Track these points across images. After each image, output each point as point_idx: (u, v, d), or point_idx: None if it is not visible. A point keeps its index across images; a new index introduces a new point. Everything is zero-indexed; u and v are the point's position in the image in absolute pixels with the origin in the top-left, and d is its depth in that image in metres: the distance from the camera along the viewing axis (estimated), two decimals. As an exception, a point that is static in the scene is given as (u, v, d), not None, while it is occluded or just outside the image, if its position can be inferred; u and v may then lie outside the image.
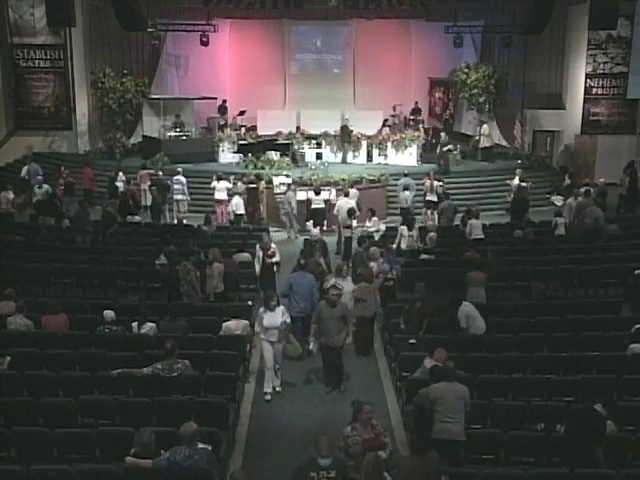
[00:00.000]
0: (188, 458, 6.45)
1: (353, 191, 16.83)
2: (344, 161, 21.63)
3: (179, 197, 17.91)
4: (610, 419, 7.29)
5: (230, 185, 17.76)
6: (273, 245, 12.93)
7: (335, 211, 16.17)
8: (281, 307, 9.57)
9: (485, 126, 22.23)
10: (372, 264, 11.69)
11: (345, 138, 21.48)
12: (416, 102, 24.03)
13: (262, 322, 9.44)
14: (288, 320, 9.57)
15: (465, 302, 10.15)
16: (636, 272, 9.76)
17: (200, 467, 6.49)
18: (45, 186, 17.38)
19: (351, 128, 21.45)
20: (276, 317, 9.40)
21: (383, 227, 15.01)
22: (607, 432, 7.17)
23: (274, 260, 12.59)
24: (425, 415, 7.42)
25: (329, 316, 9.60)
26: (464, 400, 7.37)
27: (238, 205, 16.90)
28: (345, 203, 15.83)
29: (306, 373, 10.24)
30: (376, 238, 14.21)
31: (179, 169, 18.36)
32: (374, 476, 5.98)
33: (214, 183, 17.61)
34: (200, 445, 6.64)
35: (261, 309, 9.60)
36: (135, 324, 9.83)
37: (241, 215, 16.97)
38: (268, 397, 9.54)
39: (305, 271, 11.16)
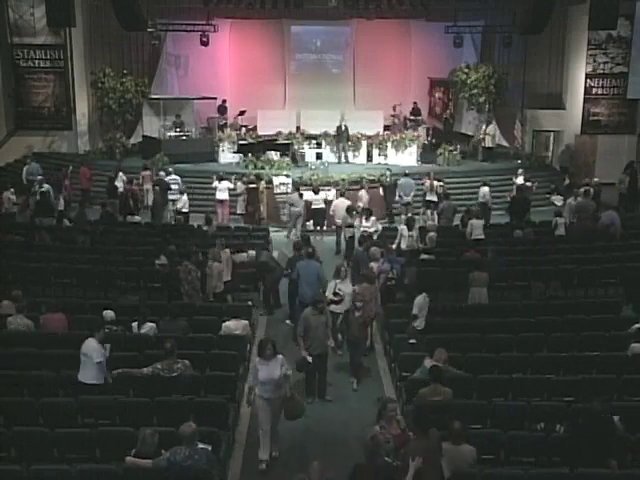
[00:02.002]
0: (188, 458, 6.45)
1: (362, 193, 17.28)
2: (347, 161, 21.64)
3: (176, 197, 17.83)
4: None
5: (232, 185, 17.78)
6: (224, 254, 12.12)
7: (331, 211, 16.16)
8: (279, 357, 8.00)
9: (492, 126, 22.25)
10: (372, 264, 11.68)
11: (340, 139, 21.47)
12: (415, 102, 24.02)
13: (257, 375, 7.92)
14: (289, 372, 8.12)
15: (424, 294, 10.30)
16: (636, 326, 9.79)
17: (200, 467, 6.49)
18: (46, 186, 17.36)
19: (343, 129, 21.44)
20: (274, 369, 7.89)
21: (380, 227, 15.01)
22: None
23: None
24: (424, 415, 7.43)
25: (318, 324, 9.20)
26: (472, 461, 6.91)
27: (186, 203, 16.89)
28: (341, 202, 15.83)
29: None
30: (374, 238, 14.19)
31: (170, 169, 18.28)
32: (371, 457, 6.09)
33: (215, 183, 17.62)
34: (200, 445, 6.65)
35: (256, 359, 8.13)
36: (135, 324, 9.83)
37: (187, 213, 16.83)
38: (263, 466, 7.93)
39: (312, 259, 11.45)
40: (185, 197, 16.94)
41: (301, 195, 16.99)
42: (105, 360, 8.37)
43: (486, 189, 17.41)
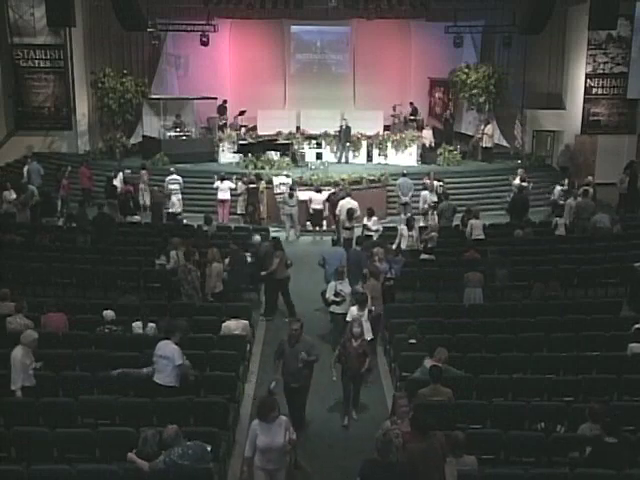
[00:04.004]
0: (183, 455, 6.45)
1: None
2: (347, 161, 21.65)
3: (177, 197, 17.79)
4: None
5: (234, 185, 17.78)
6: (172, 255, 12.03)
7: (337, 211, 16.04)
8: (283, 418, 6.69)
9: (489, 126, 22.24)
10: (377, 264, 11.66)
11: (341, 139, 21.48)
12: (411, 102, 24.05)
13: (255, 441, 6.56)
14: (294, 436, 6.75)
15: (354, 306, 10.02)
16: (635, 264, 10.03)
17: (199, 465, 6.50)
18: (31, 187, 17.19)
19: (345, 128, 21.42)
20: (277, 434, 6.56)
21: (381, 227, 14.96)
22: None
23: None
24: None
25: (290, 354, 8.31)
26: (473, 472, 6.78)
27: (175, 204, 17.01)
28: (347, 203, 15.76)
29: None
30: (374, 238, 14.14)
31: (172, 169, 18.28)
32: (383, 453, 6.11)
33: (217, 183, 17.62)
34: (189, 442, 6.61)
35: (254, 422, 6.71)
36: (139, 324, 9.80)
37: (179, 214, 16.96)
38: None
39: (338, 246, 12.68)
40: (174, 199, 16.95)
41: (291, 195, 17.02)
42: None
43: (559, 188, 17.40)
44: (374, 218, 14.77)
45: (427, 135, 22.21)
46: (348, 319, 9.66)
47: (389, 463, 6.11)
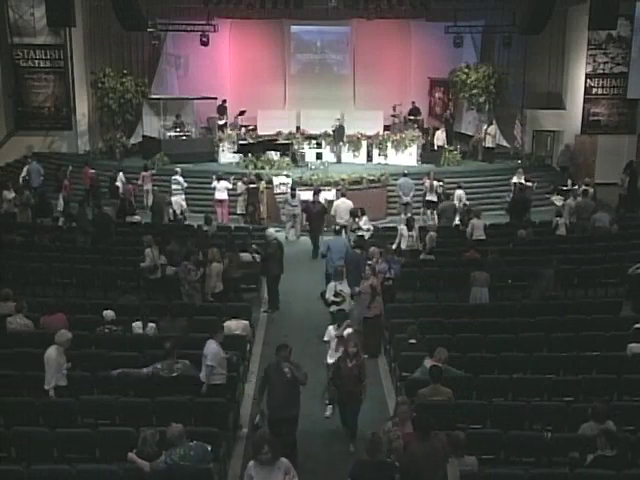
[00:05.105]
0: (184, 456, 6.45)
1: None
2: (339, 161, 21.61)
3: (176, 198, 17.79)
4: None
5: (230, 185, 17.79)
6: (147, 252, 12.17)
7: (332, 211, 16.02)
8: (283, 461, 5.96)
9: (492, 126, 22.25)
10: (375, 264, 11.64)
11: (336, 139, 21.49)
12: (413, 102, 24.06)
13: None
14: (296, 478, 6.03)
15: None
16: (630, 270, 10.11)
17: (200, 466, 6.49)
18: (26, 193, 17.22)
19: (338, 127, 21.43)
20: (274, 476, 5.88)
21: (372, 227, 14.95)
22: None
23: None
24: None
25: (277, 380, 7.52)
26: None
27: (179, 204, 17.10)
28: (342, 203, 15.70)
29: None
30: (365, 237, 14.12)
31: (177, 169, 18.32)
32: (372, 453, 6.16)
33: (214, 183, 17.63)
34: (191, 443, 6.62)
35: (250, 464, 6.02)
36: (139, 324, 9.81)
37: (181, 214, 17.04)
38: None
39: (340, 236, 13.49)
40: (174, 199, 16.94)
41: (293, 195, 17.00)
42: (219, 364, 8.35)
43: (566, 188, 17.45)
44: (365, 218, 14.80)
45: (440, 137, 22.16)
46: (326, 339, 9.40)
47: (379, 462, 6.13)
